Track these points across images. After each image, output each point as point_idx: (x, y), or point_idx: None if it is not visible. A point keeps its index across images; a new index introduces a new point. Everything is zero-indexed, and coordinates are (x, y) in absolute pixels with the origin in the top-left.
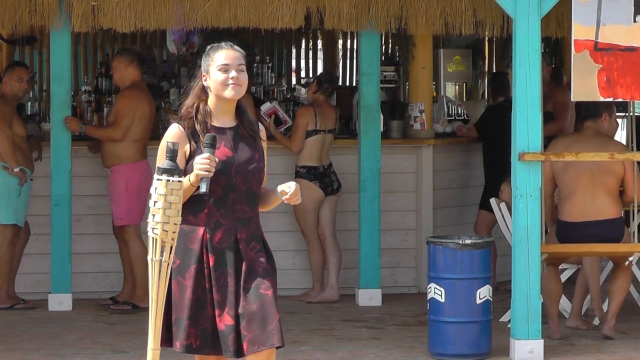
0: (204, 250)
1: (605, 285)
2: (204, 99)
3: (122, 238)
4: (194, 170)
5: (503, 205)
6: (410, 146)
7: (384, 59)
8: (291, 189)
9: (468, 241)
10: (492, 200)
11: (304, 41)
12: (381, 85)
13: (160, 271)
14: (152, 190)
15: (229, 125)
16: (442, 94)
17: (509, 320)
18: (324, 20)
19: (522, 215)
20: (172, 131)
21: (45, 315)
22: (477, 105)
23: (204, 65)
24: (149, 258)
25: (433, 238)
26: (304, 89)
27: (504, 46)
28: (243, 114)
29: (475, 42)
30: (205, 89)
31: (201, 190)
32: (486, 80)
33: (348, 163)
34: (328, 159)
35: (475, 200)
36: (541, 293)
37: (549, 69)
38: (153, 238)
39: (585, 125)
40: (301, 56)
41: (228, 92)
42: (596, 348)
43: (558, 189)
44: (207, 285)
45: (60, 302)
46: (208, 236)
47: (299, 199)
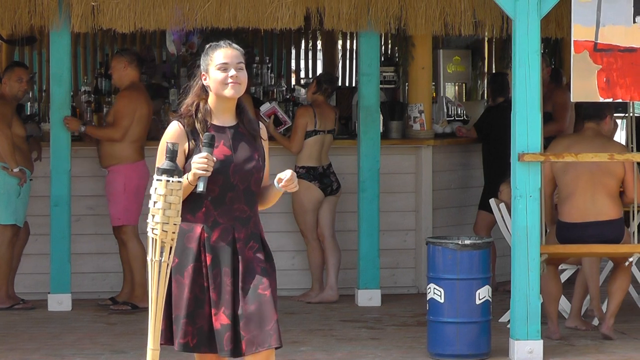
0: (201, 248)
1: (605, 285)
2: (204, 97)
3: (120, 238)
4: (192, 169)
5: (502, 205)
6: (409, 147)
7: (383, 59)
8: (286, 175)
9: (467, 242)
10: (492, 201)
11: (303, 42)
12: (381, 86)
13: (159, 271)
14: (152, 190)
15: (229, 124)
16: (442, 94)
17: (509, 321)
18: (323, 21)
19: (522, 216)
20: (172, 129)
21: (44, 315)
22: (477, 105)
23: (203, 64)
24: (149, 258)
25: (432, 238)
26: (303, 90)
27: (503, 47)
28: (243, 112)
29: (474, 43)
30: (205, 88)
31: (198, 190)
32: (486, 80)
33: (347, 163)
34: (327, 159)
35: (474, 201)
36: (541, 293)
37: (549, 69)
38: (153, 238)
39: (586, 127)
40: (301, 57)
41: (228, 91)
42: (595, 348)
43: (558, 190)
44: (205, 284)
45: (59, 303)
46: (206, 235)
47: (295, 186)
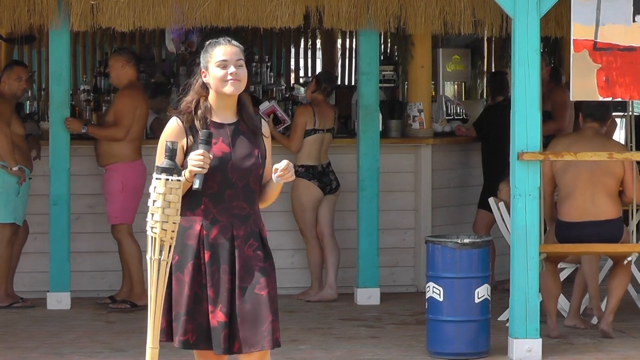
0: (200, 246)
1: (604, 284)
2: (204, 95)
3: (115, 237)
4: (188, 167)
5: (502, 204)
6: (409, 145)
7: (382, 58)
8: (282, 164)
9: (467, 240)
10: (491, 200)
11: (302, 40)
12: (380, 85)
13: (159, 270)
14: (151, 189)
15: (229, 121)
16: (441, 93)
17: (508, 320)
18: (322, 20)
19: (521, 215)
20: (171, 126)
21: (43, 313)
22: (476, 104)
23: (202, 61)
24: (148, 257)
25: (432, 237)
26: (302, 89)
27: (503, 46)
28: (244, 109)
29: (474, 42)
30: (206, 85)
31: (194, 187)
32: (485, 79)
33: (347, 162)
34: (327, 158)
35: (474, 200)
36: (540, 291)
37: (548, 68)
38: (152, 237)
39: (587, 126)
40: (300, 55)
41: (227, 88)
42: (594, 347)
43: (558, 189)
44: (204, 281)
45: (58, 301)
46: (205, 232)
47: (292, 175)
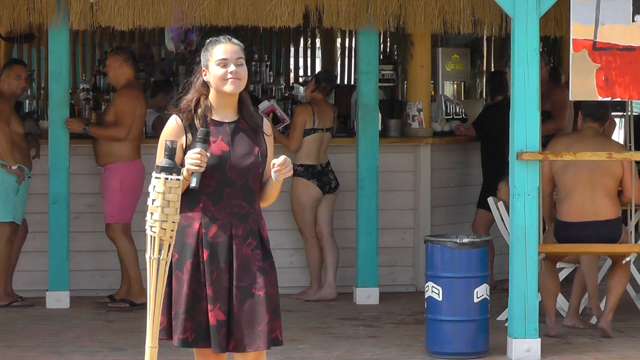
0: (199, 244)
1: (603, 283)
2: (205, 93)
3: (109, 236)
4: (185, 165)
5: (501, 204)
6: (408, 145)
7: (382, 57)
8: (279, 160)
9: (466, 240)
10: (490, 199)
11: (302, 39)
12: (379, 84)
13: (158, 269)
14: (151, 188)
15: (229, 120)
16: (441, 92)
17: (507, 319)
18: (322, 19)
19: (520, 214)
20: (170, 125)
21: (43, 312)
22: (475, 104)
23: (203, 60)
24: (147, 256)
25: (431, 237)
26: (302, 88)
27: (502, 45)
28: (244, 107)
29: (473, 41)
30: (206, 83)
31: (191, 185)
32: (484, 79)
33: (346, 161)
34: (326, 157)
35: (473, 199)
36: (539, 289)
37: (547, 68)
38: (151, 236)
39: (587, 126)
40: (299, 55)
41: (228, 87)
42: (593, 347)
43: (557, 189)
44: (203, 280)
45: (58, 300)
46: (203, 230)
47: (289, 170)
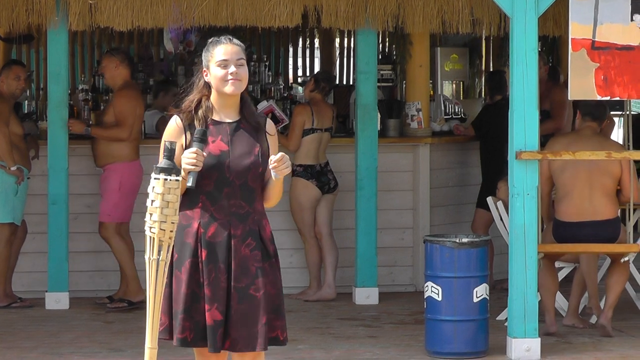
0: (198, 244)
1: (603, 283)
2: (206, 94)
3: (101, 235)
4: (182, 165)
5: (500, 203)
6: (407, 145)
7: (381, 57)
8: (276, 156)
9: (465, 240)
10: (489, 199)
11: (301, 40)
12: (378, 84)
13: (157, 270)
14: (150, 189)
15: (230, 120)
16: (439, 92)
17: (506, 319)
18: (321, 19)
19: (519, 214)
20: (170, 126)
21: (42, 313)
22: (474, 103)
23: (204, 60)
24: (146, 257)
25: (430, 237)
26: (300, 88)
27: (501, 45)
28: (246, 106)
29: (472, 41)
30: (208, 84)
31: (188, 184)
32: (483, 78)
33: (345, 162)
34: (325, 157)
35: (472, 199)
36: (538, 287)
37: (547, 67)
38: (150, 237)
39: (586, 125)
40: (298, 55)
41: (228, 88)
42: (593, 346)
43: (555, 188)
44: (201, 280)
45: (57, 301)
46: (202, 230)
47: (287, 167)
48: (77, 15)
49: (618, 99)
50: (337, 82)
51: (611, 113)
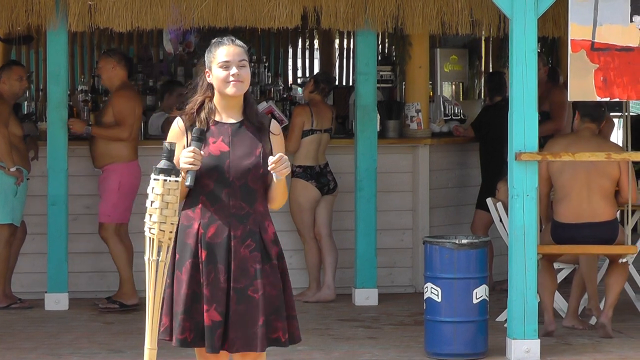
0: (198, 245)
1: (602, 284)
2: (209, 95)
3: (100, 236)
4: (180, 164)
5: (499, 204)
6: (406, 146)
7: (380, 58)
8: (274, 157)
9: (465, 241)
10: (489, 200)
11: (300, 41)
12: (378, 85)
13: (157, 271)
14: (149, 190)
15: (232, 121)
16: (439, 93)
17: (506, 320)
18: (320, 20)
19: (519, 215)
20: (173, 129)
21: (41, 314)
22: (474, 104)
23: (206, 61)
24: (146, 258)
25: (429, 238)
26: (300, 89)
27: (500, 46)
28: (248, 107)
29: (471, 42)
30: (211, 85)
31: (186, 184)
32: (483, 79)
33: (344, 163)
34: (324, 158)
35: (472, 200)
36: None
37: (546, 69)
38: (150, 238)
39: (584, 126)
40: (298, 56)
41: (230, 89)
42: (593, 348)
43: (554, 190)
44: (202, 280)
45: (56, 302)
46: (202, 231)
47: (285, 167)
48: (77, 16)
49: (618, 100)
50: (337, 83)
51: (611, 114)
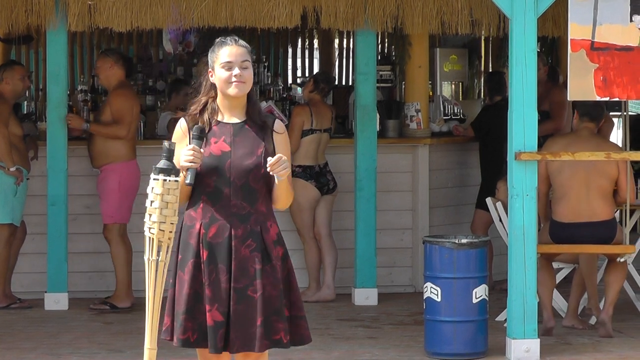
0: (200, 245)
1: (602, 284)
2: (213, 95)
3: (105, 237)
4: (180, 162)
5: (499, 204)
6: (406, 145)
7: (380, 58)
8: (272, 158)
9: (464, 240)
10: (489, 200)
11: (300, 40)
12: (377, 85)
13: (156, 271)
14: (149, 189)
15: (235, 121)
16: (438, 93)
17: (505, 320)
18: (320, 20)
19: (519, 215)
20: (176, 131)
21: (41, 314)
22: (473, 104)
23: (210, 61)
24: (146, 258)
25: (429, 237)
26: (299, 89)
27: (500, 45)
28: (252, 106)
29: (471, 42)
30: (214, 85)
31: (186, 182)
32: (482, 79)
33: (344, 162)
34: (324, 158)
35: (471, 200)
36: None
37: (546, 68)
38: (149, 237)
39: (583, 126)
40: (297, 55)
41: (232, 90)
42: (592, 347)
43: (552, 189)
44: (203, 280)
45: (56, 302)
46: (203, 231)
47: (283, 168)
48: (77, 16)
49: (617, 99)
50: (336, 83)
51: (610, 114)
